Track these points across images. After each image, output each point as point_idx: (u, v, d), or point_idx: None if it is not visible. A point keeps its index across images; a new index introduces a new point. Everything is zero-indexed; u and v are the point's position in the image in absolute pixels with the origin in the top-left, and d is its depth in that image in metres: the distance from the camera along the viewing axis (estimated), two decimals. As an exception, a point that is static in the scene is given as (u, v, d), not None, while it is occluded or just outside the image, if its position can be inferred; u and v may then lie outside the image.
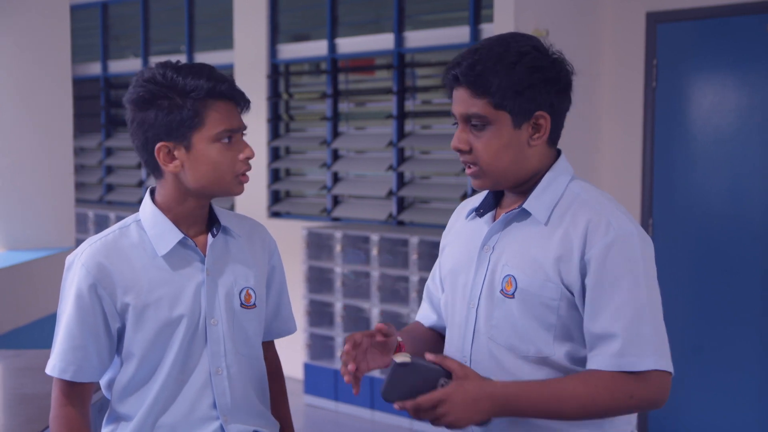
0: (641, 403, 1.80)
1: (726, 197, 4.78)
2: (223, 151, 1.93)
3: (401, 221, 5.89)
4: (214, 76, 1.92)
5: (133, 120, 1.95)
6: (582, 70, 2.09)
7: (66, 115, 5.13)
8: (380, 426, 5.43)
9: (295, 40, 6.58)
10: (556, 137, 1.93)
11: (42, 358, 3.28)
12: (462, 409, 1.73)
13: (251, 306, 2.04)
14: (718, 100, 4.80)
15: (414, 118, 5.92)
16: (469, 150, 1.89)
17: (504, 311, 1.89)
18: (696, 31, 4.84)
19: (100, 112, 7.96)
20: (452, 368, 1.75)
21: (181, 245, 1.98)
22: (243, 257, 2.05)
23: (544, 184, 1.90)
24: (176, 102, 1.90)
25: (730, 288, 4.76)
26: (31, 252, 4.83)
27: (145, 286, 1.94)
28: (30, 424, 2.45)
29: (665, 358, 1.80)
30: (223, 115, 1.92)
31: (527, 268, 1.86)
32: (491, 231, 1.94)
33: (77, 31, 6.08)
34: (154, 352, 1.95)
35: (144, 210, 2.01)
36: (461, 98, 1.88)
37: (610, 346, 1.79)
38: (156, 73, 1.93)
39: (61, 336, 1.95)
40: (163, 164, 1.94)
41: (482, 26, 5.45)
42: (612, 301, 1.79)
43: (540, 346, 1.86)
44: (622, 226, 1.82)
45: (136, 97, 1.94)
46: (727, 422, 4.78)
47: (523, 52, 1.85)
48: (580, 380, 1.79)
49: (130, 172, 7.77)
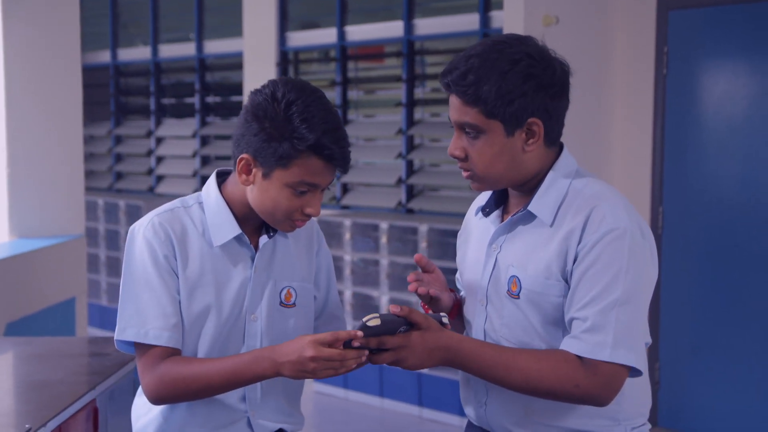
0: (584, 395, 1.80)
1: (738, 185, 4.75)
2: (292, 198, 1.92)
3: (410, 209, 5.88)
4: (329, 135, 1.87)
5: (244, 116, 1.93)
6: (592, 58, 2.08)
7: (76, 103, 5.13)
8: (389, 413, 5.44)
9: (304, 27, 6.57)
10: (554, 137, 1.92)
11: (53, 345, 3.30)
12: (419, 355, 1.80)
13: (291, 305, 2.06)
14: (729, 87, 4.78)
15: (423, 106, 5.91)
16: (465, 157, 1.90)
17: (512, 311, 1.91)
18: (708, 17, 4.82)
19: (110, 99, 7.97)
20: (417, 320, 1.80)
21: (236, 240, 2.00)
22: (288, 256, 2.07)
23: (547, 184, 1.90)
24: (278, 136, 1.88)
25: (741, 277, 4.74)
26: (41, 240, 4.84)
27: (197, 269, 1.96)
28: (41, 410, 2.46)
29: (626, 352, 1.79)
30: (311, 170, 1.89)
31: (531, 269, 1.88)
32: (497, 232, 1.96)
33: (87, 18, 6.08)
34: (192, 335, 1.97)
35: (209, 194, 2.02)
36: (455, 106, 1.89)
37: (574, 329, 1.82)
38: (284, 98, 1.88)
39: (145, 301, 1.92)
40: (239, 173, 1.94)
41: (492, 13, 5.43)
42: (589, 292, 1.80)
43: (551, 341, 1.88)
44: (616, 221, 1.82)
45: (255, 102, 1.91)
46: (740, 415, 4.77)
47: (516, 59, 1.83)
48: (535, 357, 1.82)
49: (139, 160, 7.78)
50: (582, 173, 1.94)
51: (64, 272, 4.89)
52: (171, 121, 7.62)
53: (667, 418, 5.01)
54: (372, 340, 1.78)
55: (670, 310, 4.98)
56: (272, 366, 1.85)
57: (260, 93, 1.92)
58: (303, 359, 1.81)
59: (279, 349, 1.86)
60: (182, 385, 1.91)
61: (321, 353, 1.79)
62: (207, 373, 1.90)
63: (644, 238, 1.85)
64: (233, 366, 1.89)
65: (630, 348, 1.79)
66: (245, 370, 1.88)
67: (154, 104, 7.61)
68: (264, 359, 1.87)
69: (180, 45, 7.48)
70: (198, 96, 7.25)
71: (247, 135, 1.91)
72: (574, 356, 1.80)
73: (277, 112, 1.88)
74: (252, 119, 1.90)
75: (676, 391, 4.97)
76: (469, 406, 2.04)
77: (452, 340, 1.82)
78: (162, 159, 7.59)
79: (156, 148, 7.57)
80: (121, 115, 7.99)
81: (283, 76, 1.97)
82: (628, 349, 1.79)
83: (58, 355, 3.08)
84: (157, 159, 7.59)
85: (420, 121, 5.89)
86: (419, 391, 5.41)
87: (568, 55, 1.98)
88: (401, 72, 5.91)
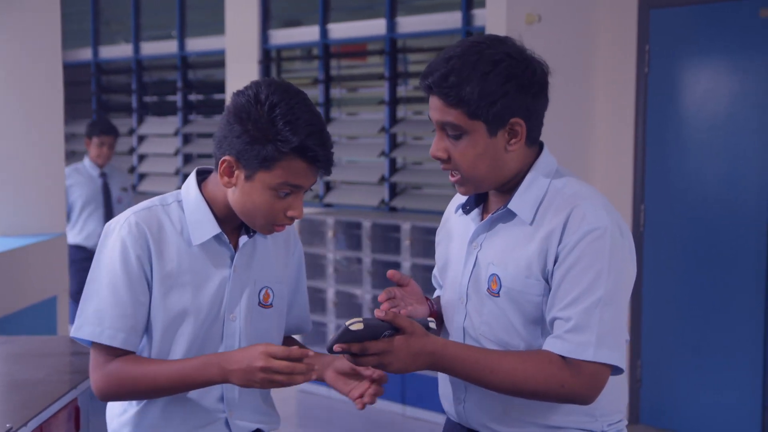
0: (570, 395, 1.81)
1: (719, 183, 4.78)
2: (274, 200, 1.90)
3: (393, 207, 5.88)
4: (312, 137, 1.86)
5: (226, 117, 1.91)
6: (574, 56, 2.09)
7: (57, 101, 5.10)
8: (373, 411, 5.44)
9: (287, 25, 6.56)
10: (535, 137, 1.92)
11: (34, 344, 3.28)
12: (403, 360, 1.79)
13: (268, 305, 2.06)
14: (711, 86, 4.80)
15: (406, 104, 5.91)
16: (448, 158, 1.90)
17: (492, 309, 1.92)
18: (689, 16, 4.84)
19: (91, 97, 7.93)
20: (402, 325, 1.79)
21: (215, 239, 1.98)
22: (267, 256, 2.06)
23: (527, 183, 1.91)
24: (262, 138, 1.86)
25: (723, 275, 4.77)
26: (21, 238, 4.81)
27: (175, 268, 1.95)
28: (24, 410, 2.45)
29: (609, 351, 1.80)
30: (294, 172, 1.88)
31: (511, 267, 1.88)
32: (478, 230, 1.96)
33: (68, 16, 6.04)
34: (170, 334, 1.96)
35: (188, 193, 2.00)
36: (436, 106, 1.88)
37: (556, 329, 1.82)
38: (267, 100, 1.87)
39: (107, 301, 1.91)
40: (220, 174, 1.92)
41: (475, 11, 5.44)
42: (571, 292, 1.81)
43: (530, 340, 1.89)
44: (596, 221, 1.83)
45: (238, 104, 1.89)
46: (718, 412, 4.80)
47: (497, 60, 1.83)
48: (520, 359, 1.83)
49: (121, 158, 7.74)
50: (562, 173, 1.95)
51: (45, 271, 4.86)
52: (153, 119, 7.59)
53: (649, 415, 5.03)
54: (354, 345, 1.77)
55: (652, 307, 5.00)
56: (220, 373, 1.87)
57: (243, 94, 1.90)
58: (252, 369, 1.82)
59: (229, 356, 1.87)
60: (129, 384, 1.92)
61: (271, 365, 1.81)
62: (154, 375, 1.90)
63: (623, 236, 1.86)
64: (181, 370, 1.90)
65: (612, 347, 1.81)
66: (193, 375, 1.89)
67: (136, 102, 7.58)
68: (213, 365, 1.87)
69: (162, 42, 7.45)
70: (180, 94, 7.23)
71: (230, 137, 1.89)
72: (557, 356, 1.81)
73: (260, 114, 1.86)
74: (234, 121, 1.89)
75: (658, 389, 5.00)
76: (447, 403, 2.05)
77: (437, 345, 1.82)
78: (144, 157, 7.56)
79: (138, 146, 7.54)
80: (103, 113, 7.95)
81: (266, 78, 1.96)
82: (611, 348, 1.80)
83: (39, 354, 3.06)
84: (139, 157, 7.56)
85: (403, 119, 5.89)
86: (402, 389, 5.41)
87: (550, 53, 1.98)
88: (384, 70, 5.91)
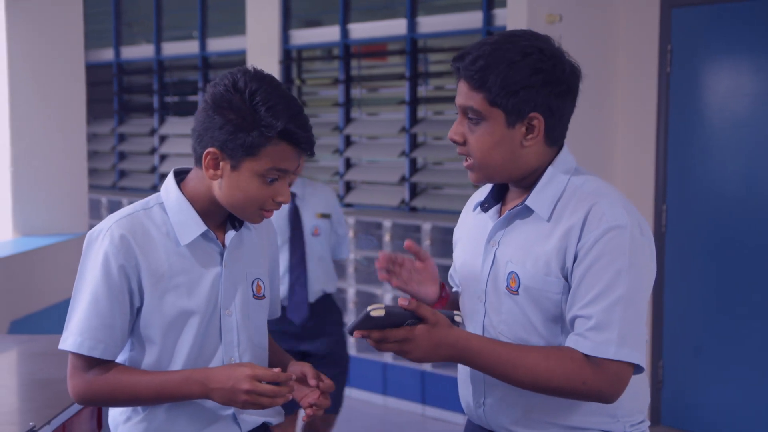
0: (592, 392, 1.81)
1: (741, 183, 4.75)
2: (262, 187, 1.91)
3: (414, 207, 5.88)
4: (295, 120, 1.89)
5: (204, 110, 1.91)
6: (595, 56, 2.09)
7: (79, 101, 5.14)
8: (392, 411, 5.44)
9: (307, 25, 6.56)
10: (556, 137, 1.92)
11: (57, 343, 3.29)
12: (424, 350, 1.79)
13: (261, 297, 2.07)
14: (733, 85, 4.77)
15: (426, 104, 5.91)
16: (464, 142, 1.91)
17: (511, 307, 1.92)
18: (711, 15, 4.81)
19: (113, 98, 7.98)
20: (426, 315, 1.79)
21: (202, 236, 1.98)
22: (253, 248, 2.07)
23: (545, 180, 1.91)
24: (245, 126, 1.87)
25: (745, 275, 4.74)
26: (44, 238, 4.85)
27: (167, 271, 1.94)
28: (46, 409, 2.46)
29: (630, 350, 1.80)
30: (280, 157, 1.90)
31: (530, 265, 1.88)
32: (496, 227, 1.96)
33: (90, 16, 6.07)
34: (171, 338, 1.95)
35: (168, 194, 1.99)
36: (462, 90, 1.90)
37: (578, 327, 1.82)
38: (246, 88, 1.88)
39: (88, 312, 1.91)
40: (205, 168, 1.92)
41: (495, 11, 5.43)
42: (591, 290, 1.81)
43: (549, 338, 1.89)
44: (615, 219, 1.82)
45: (216, 95, 1.90)
46: (740, 414, 4.77)
47: (528, 52, 1.85)
48: (543, 355, 1.82)
49: (142, 158, 7.78)
50: (581, 171, 1.94)
51: (68, 270, 4.87)
52: (174, 119, 7.62)
53: (670, 416, 5.00)
54: (374, 332, 1.77)
55: (673, 308, 4.97)
56: (202, 390, 1.89)
57: (219, 85, 1.91)
58: (237, 390, 1.85)
59: (212, 374, 1.88)
60: (108, 393, 1.93)
61: (256, 388, 1.84)
62: (135, 386, 1.91)
63: (643, 235, 1.86)
64: (163, 383, 1.91)
65: (634, 346, 1.80)
66: (174, 390, 1.90)
67: (158, 102, 7.62)
68: (195, 382, 1.89)
69: (183, 43, 7.48)
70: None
71: (211, 129, 1.89)
72: (580, 354, 1.81)
73: (241, 102, 1.87)
74: (215, 112, 1.89)
75: (679, 390, 4.97)
76: (467, 405, 2.05)
77: (460, 337, 1.82)
78: (165, 157, 7.59)
79: (159, 146, 7.58)
80: (125, 113, 8.00)
81: (238, 67, 1.97)
82: (632, 347, 1.80)
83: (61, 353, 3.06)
84: (161, 157, 7.59)
85: (423, 119, 5.89)
86: (422, 389, 5.41)
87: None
88: (404, 70, 5.91)
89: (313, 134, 1.94)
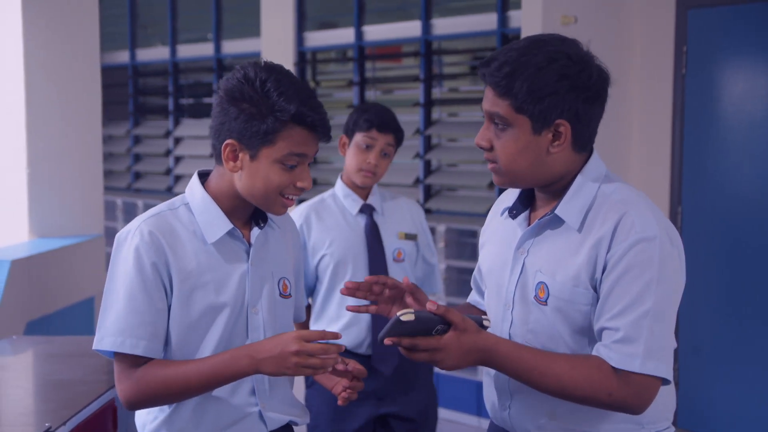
0: (616, 403, 1.80)
1: (757, 185, 4.72)
2: (282, 173, 1.93)
3: (428, 209, 5.87)
4: (307, 103, 1.92)
5: (219, 104, 1.96)
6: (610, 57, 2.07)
7: (95, 103, 5.16)
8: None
9: (322, 27, 6.57)
10: (584, 143, 1.90)
11: (73, 345, 3.31)
12: (455, 358, 1.79)
13: (288, 296, 2.08)
14: (749, 86, 4.75)
15: (441, 106, 5.90)
16: (490, 148, 1.90)
17: (538, 317, 1.90)
18: (727, 16, 4.79)
19: (128, 100, 8.00)
20: (455, 321, 1.79)
21: (228, 235, 1.99)
22: (279, 248, 2.08)
23: (575, 188, 1.89)
24: (259, 113, 1.91)
25: (762, 277, 4.71)
26: (60, 239, 4.86)
27: (195, 268, 1.95)
28: (62, 410, 2.47)
29: (657, 363, 1.78)
30: (296, 141, 1.92)
31: (559, 276, 1.87)
32: (525, 236, 1.94)
33: (105, 18, 6.10)
34: (196, 336, 1.96)
35: (193, 195, 2.02)
36: (488, 96, 1.89)
37: (605, 338, 1.81)
38: (257, 77, 1.93)
39: (125, 310, 1.90)
40: (225, 160, 1.95)
41: (510, 13, 5.42)
42: (620, 302, 1.79)
43: (576, 349, 1.88)
44: (645, 229, 1.80)
45: (229, 88, 1.94)
46: (757, 417, 4.74)
47: (554, 58, 1.83)
48: (570, 364, 1.81)
49: (158, 160, 7.81)
50: (611, 178, 1.92)
51: (84, 272, 4.91)
52: (189, 121, 7.64)
53: (687, 419, 4.98)
54: (405, 340, 1.77)
55: (689, 310, 4.94)
56: (251, 363, 1.87)
57: (231, 79, 1.95)
58: (285, 354, 1.84)
59: (257, 346, 1.88)
60: (160, 388, 1.91)
61: (305, 348, 1.83)
62: (185, 375, 1.90)
63: (673, 245, 1.84)
64: (212, 366, 1.90)
65: (660, 359, 1.79)
66: (224, 370, 1.89)
67: (173, 104, 7.64)
68: (242, 357, 1.88)
69: (198, 45, 7.50)
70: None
71: (227, 121, 1.93)
72: (608, 365, 1.80)
73: (254, 90, 1.91)
74: (229, 104, 1.93)
75: (696, 393, 4.95)
76: (492, 408, 2.04)
77: (489, 342, 1.82)
78: (180, 159, 7.61)
79: (174, 148, 7.60)
80: (140, 115, 8.02)
81: (248, 60, 2.01)
82: (659, 360, 1.79)
83: (77, 354, 3.10)
84: (176, 159, 7.61)
85: (437, 121, 5.88)
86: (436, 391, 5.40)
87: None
88: (419, 72, 5.91)
89: (328, 118, 1.96)
